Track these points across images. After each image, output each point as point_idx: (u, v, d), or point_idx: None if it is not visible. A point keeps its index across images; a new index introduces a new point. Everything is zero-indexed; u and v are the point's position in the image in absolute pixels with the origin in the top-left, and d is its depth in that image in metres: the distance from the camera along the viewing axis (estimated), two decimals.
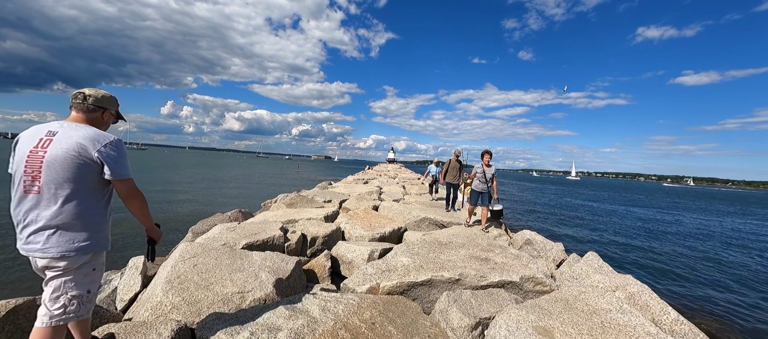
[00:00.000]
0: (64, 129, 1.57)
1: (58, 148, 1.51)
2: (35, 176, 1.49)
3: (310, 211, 6.48)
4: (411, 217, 6.91)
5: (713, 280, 7.79)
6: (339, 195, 9.45)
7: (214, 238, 4.26)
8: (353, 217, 6.18)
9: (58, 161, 1.50)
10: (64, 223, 1.52)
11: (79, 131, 1.57)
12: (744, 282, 7.80)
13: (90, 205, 1.59)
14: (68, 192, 1.52)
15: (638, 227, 16.15)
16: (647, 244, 11.60)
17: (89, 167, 1.55)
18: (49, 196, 1.50)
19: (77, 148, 1.52)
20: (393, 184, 15.75)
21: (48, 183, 1.49)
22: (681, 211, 27.21)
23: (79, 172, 1.53)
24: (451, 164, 7.99)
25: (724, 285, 7.48)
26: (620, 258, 9.57)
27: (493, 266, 3.69)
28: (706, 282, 7.59)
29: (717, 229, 17.58)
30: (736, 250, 12.07)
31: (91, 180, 1.58)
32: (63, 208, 1.51)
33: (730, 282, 7.77)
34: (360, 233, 5.24)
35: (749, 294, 6.91)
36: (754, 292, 7.01)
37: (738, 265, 9.48)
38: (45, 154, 1.50)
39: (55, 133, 1.55)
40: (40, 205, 1.51)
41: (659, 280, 7.54)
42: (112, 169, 1.59)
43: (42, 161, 1.50)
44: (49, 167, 1.49)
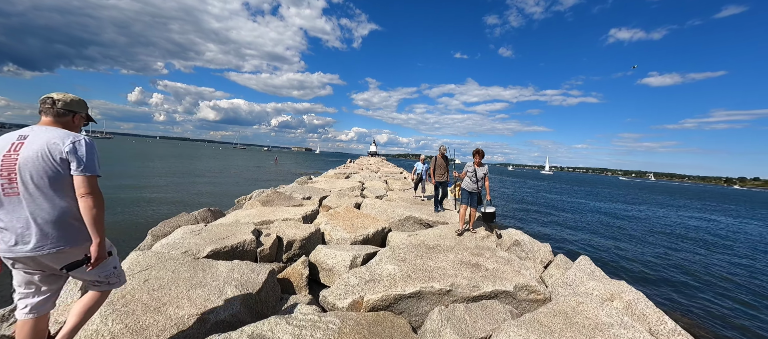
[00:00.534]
0: (34, 132, 1.62)
1: (30, 149, 1.57)
2: (11, 178, 1.54)
3: (288, 210, 6.02)
4: (395, 215, 6.61)
5: (691, 278, 8.06)
6: (319, 191, 9.00)
7: (175, 243, 3.75)
8: (334, 216, 5.79)
9: (31, 161, 1.55)
10: (51, 221, 1.58)
11: (49, 132, 1.63)
12: (724, 282, 8.14)
13: (71, 201, 1.63)
14: (48, 190, 1.57)
15: (612, 223, 16.80)
16: (625, 242, 12.01)
17: (61, 165, 1.59)
18: (31, 197, 1.55)
19: (47, 147, 1.58)
20: (375, 178, 15.40)
21: (24, 185, 1.54)
22: (649, 205, 28.78)
23: (52, 170, 1.58)
24: (437, 161, 7.60)
25: (702, 283, 7.75)
26: (606, 257, 9.79)
27: (485, 273, 3.45)
28: (686, 280, 7.83)
29: (684, 224, 18.61)
30: (705, 246, 12.77)
31: (66, 178, 1.61)
32: (47, 207, 1.57)
33: (705, 280, 8.10)
34: (341, 235, 4.87)
35: (729, 293, 7.17)
36: (734, 292, 7.29)
37: (710, 263, 9.96)
38: (18, 156, 1.55)
39: (27, 137, 1.60)
40: (21, 206, 1.55)
41: (644, 279, 7.67)
42: (79, 162, 1.61)
43: (15, 163, 1.54)
44: (23, 169, 1.54)
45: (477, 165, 5.72)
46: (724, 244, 13.09)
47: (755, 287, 7.66)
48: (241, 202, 8.73)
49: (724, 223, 20.15)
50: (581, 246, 10.65)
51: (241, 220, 5.21)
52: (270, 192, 7.70)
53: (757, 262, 10.34)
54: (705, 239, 13.79)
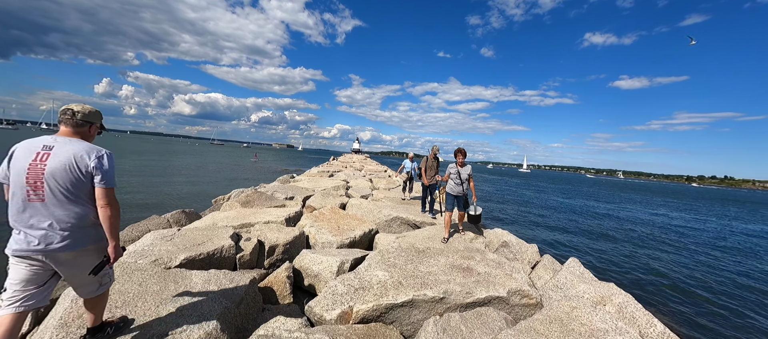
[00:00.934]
0: (58, 144, 1.79)
1: (57, 160, 1.73)
2: (37, 186, 1.70)
3: (269, 211, 5.72)
4: (382, 216, 6.45)
5: (669, 275, 8.37)
6: (302, 190, 8.69)
7: (143, 251, 3.42)
8: (319, 218, 5.56)
9: (58, 172, 1.72)
10: (69, 225, 1.76)
11: (74, 145, 1.80)
12: (697, 281, 8.54)
13: (89, 207, 1.83)
14: (70, 197, 1.75)
15: (591, 221, 17.41)
16: (605, 240, 12.44)
17: (86, 176, 1.79)
18: (54, 202, 1.73)
19: (75, 160, 1.76)
20: (360, 177, 15.18)
21: (51, 192, 1.71)
22: (621, 203, 30.20)
23: (77, 181, 1.76)
24: (428, 162, 7.12)
25: (680, 281, 8.04)
26: (590, 256, 10.07)
27: (477, 278, 3.36)
28: (662, 278, 8.12)
29: (653, 221, 19.60)
30: (675, 242, 13.46)
31: (87, 188, 1.81)
32: (67, 212, 1.75)
33: (682, 278, 8.47)
34: (327, 238, 4.66)
35: (703, 291, 7.50)
36: (710, 290, 7.63)
37: (682, 261, 10.47)
38: (45, 167, 1.71)
39: (52, 147, 1.76)
40: (45, 210, 1.72)
41: (629, 278, 7.81)
42: (103, 176, 1.82)
43: (42, 173, 1.70)
44: (50, 178, 1.71)
45: (460, 165, 5.34)
46: (690, 241, 13.88)
47: (725, 283, 8.12)
48: (219, 202, 8.29)
49: (687, 219, 21.45)
50: (565, 245, 10.93)
51: (219, 223, 4.88)
52: (250, 192, 7.33)
53: (720, 260, 11.00)
54: (675, 236, 14.58)
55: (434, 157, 7.17)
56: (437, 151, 7.24)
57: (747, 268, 9.73)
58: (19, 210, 1.71)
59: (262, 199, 7.02)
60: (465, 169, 5.36)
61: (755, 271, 9.47)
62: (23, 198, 1.70)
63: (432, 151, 7.23)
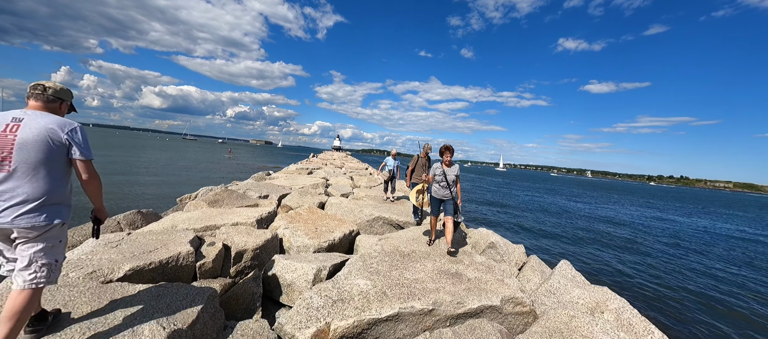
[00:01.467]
0: (29, 116, 1.73)
1: (29, 131, 1.68)
2: (6, 157, 1.65)
3: (239, 211, 5.19)
4: (363, 216, 6.09)
5: (656, 274, 8.54)
6: (278, 188, 8.15)
7: (78, 261, 2.86)
8: (295, 218, 5.11)
9: (30, 143, 1.67)
10: (35, 198, 1.69)
11: (46, 118, 1.75)
12: (683, 276, 8.82)
13: (57, 183, 1.77)
14: (39, 170, 1.70)
15: (569, 220, 17.89)
16: (587, 240, 12.72)
17: (58, 148, 1.74)
18: (21, 175, 1.66)
19: (48, 132, 1.71)
20: (340, 175, 14.71)
21: (20, 163, 1.66)
22: (592, 202, 31.53)
23: (49, 153, 1.72)
24: (419, 162, 6.38)
25: (664, 279, 8.21)
26: (576, 255, 10.18)
27: (468, 285, 3.09)
28: (652, 277, 8.26)
29: (624, 219, 20.48)
30: (647, 236, 14.02)
31: (59, 160, 1.76)
32: (34, 185, 1.69)
33: (665, 274, 8.71)
34: (303, 241, 4.24)
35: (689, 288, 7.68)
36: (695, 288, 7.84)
37: (665, 255, 10.85)
38: (15, 137, 1.66)
39: (21, 119, 1.71)
40: (10, 182, 1.65)
41: (617, 278, 7.85)
42: (80, 148, 1.80)
43: (12, 143, 1.65)
44: (20, 149, 1.66)
45: (447, 165, 4.60)
46: (660, 237, 14.54)
47: (703, 278, 8.44)
48: (184, 201, 7.59)
49: (651, 216, 22.67)
50: (548, 243, 11.04)
51: (179, 225, 4.33)
52: (220, 190, 6.73)
53: (686, 257, 11.54)
54: (644, 234, 15.23)
55: (426, 156, 6.45)
56: (430, 150, 6.41)
57: (711, 264, 10.25)
58: None
59: (233, 198, 6.45)
60: (452, 169, 4.60)
61: (724, 266, 10.00)
62: None
63: (424, 149, 6.43)
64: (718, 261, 10.60)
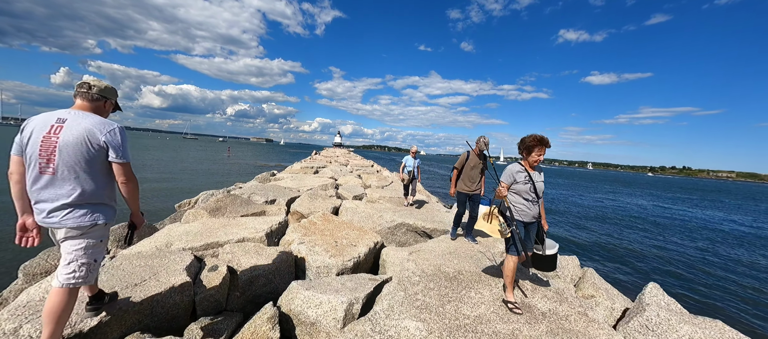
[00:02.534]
0: (72, 117, 1.77)
1: (70, 134, 1.72)
2: (50, 159, 1.70)
3: (244, 222, 4.49)
4: (383, 222, 5.39)
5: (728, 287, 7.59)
6: (285, 191, 7.44)
7: (37, 306, 2.17)
8: (310, 229, 4.41)
9: (71, 146, 1.71)
10: (77, 200, 1.75)
11: (87, 119, 1.78)
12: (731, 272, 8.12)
13: (98, 184, 1.82)
14: (80, 172, 1.74)
15: (590, 215, 17.16)
16: (622, 239, 12.01)
17: (97, 151, 1.78)
18: (64, 177, 1.72)
19: (87, 134, 1.74)
20: (347, 173, 13.99)
21: (62, 165, 1.71)
22: (604, 194, 30.79)
23: (88, 155, 1.75)
24: (469, 161, 4.62)
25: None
26: (614, 262, 9.48)
27: (548, 324, 2.38)
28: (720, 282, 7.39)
29: (660, 214, 19.74)
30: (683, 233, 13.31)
31: (99, 162, 1.80)
32: (76, 187, 1.74)
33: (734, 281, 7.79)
34: (323, 261, 3.53)
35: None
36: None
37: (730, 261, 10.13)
38: (58, 139, 1.70)
39: (65, 120, 1.75)
40: (55, 184, 1.72)
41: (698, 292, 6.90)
42: (117, 151, 1.82)
43: (55, 146, 1.70)
44: (62, 151, 1.70)
45: (532, 167, 2.92)
46: (694, 233, 13.82)
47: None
48: (183, 208, 6.90)
49: (675, 210, 21.94)
50: (587, 246, 10.32)
51: (175, 242, 3.62)
52: (222, 195, 6.03)
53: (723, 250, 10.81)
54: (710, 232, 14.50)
55: (480, 154, 4.61)
56: (485, 147, 4.54)
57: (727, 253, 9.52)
58: (32, 182, 1.71)
59: (236, 204, 5.75)
60: (539, 175, 2.95)
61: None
62: (36, 170, 1.70)
63: (478, 143, 4.59)
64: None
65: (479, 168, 4.63)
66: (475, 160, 4.63)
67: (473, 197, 4.66)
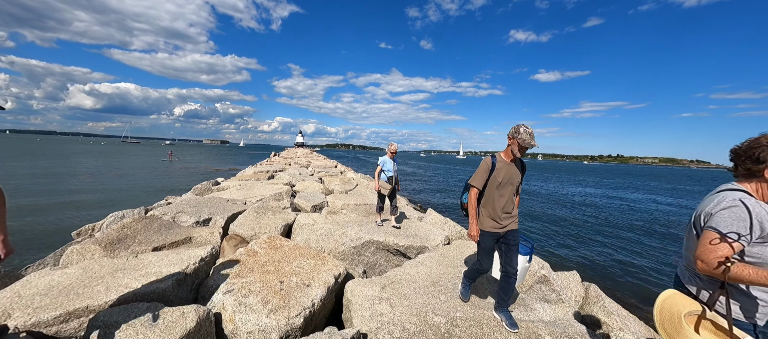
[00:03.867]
0: None
1: None
2: None
3: (151, 263, 3.19)
4: (347, 240, 4.39)
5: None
6: (226, 206, 6.08)
7: None
8: (247, 264, 3.26)
9: None
10: None
11: None
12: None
13: None
14: None
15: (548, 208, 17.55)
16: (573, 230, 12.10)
17: None
18: None
19: None
20: (307, 176, 12.67)
21: None
22: (556, 183, 32.53)
23: None
24: (497, 172, 2.55)
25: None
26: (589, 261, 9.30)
27: None
28: None
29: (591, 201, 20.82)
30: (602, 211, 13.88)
31: None
32: None
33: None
34: (259, 322, 2.42)
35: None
36: None
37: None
38: None
39: None
40: None
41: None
42: None
43: None
44: None
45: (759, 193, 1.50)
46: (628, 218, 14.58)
47: None
48: (83, 235, 5.24)
49: (598, 194, 23.60)
50: (552, 245, 10.11)
51: (17, 312, 2.29)
52: (132, 219, 4.56)
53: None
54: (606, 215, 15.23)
55: (520, 152, 2.45)
56: (530, 142, 2.39)
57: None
58: None
59: (152, 229, 4.36)
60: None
61: None
62: None
63: (517, 139, 2.42)
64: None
65: (515, 183, 2.57)
66: (509, 170, 2.54)
67: (508, 238, 2.57)
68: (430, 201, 16.59)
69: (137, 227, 4.37)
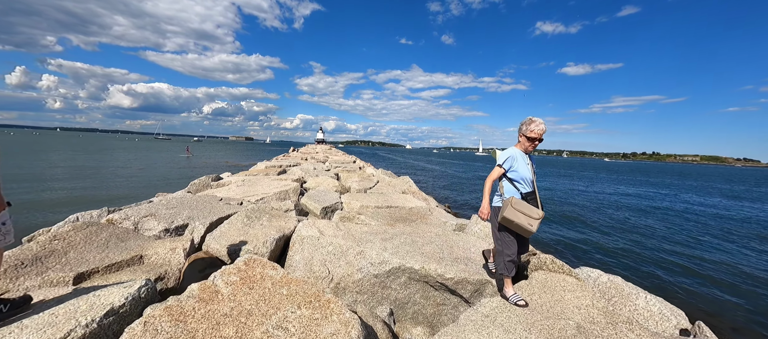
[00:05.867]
0: None
1: None
2: None
3: (53, 315, 1.91)
4: (365, 265, 2.95)
5: None
6: (215, 208, 4.81)
7: None
8: (185, 328, 1.89)
9: None
10: None
11: None
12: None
13: None
14: None
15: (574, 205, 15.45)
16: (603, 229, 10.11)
17: None
18: None
19: None
20: (322, 171, 11.39)
21: None
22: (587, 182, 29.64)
23: None
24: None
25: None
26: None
27: None
28: None
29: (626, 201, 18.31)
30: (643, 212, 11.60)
31: None
32: None
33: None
34: None
35: None
36: None
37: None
38: None
39: None
40: None
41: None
42: None
43: None
44: None
45: None
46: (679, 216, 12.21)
47: None
48: (32, 241, 4.17)
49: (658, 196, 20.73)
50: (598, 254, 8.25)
51: None
52: (72, 227, 3.36)
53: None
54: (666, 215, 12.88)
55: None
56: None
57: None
58: None
59: (97, 241, 3.12)
60: None
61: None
62: None
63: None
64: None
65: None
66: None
67: None
68: (464, 202, 14.81)
69: (75, 239, 3.14)
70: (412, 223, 4.65)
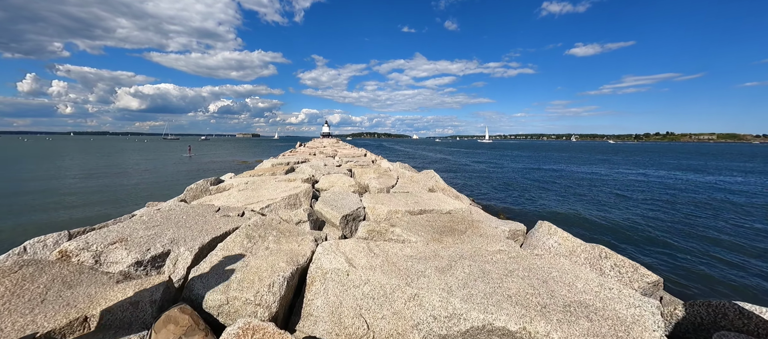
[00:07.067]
0: None
1: None
2: None
3: None
4: (427, 320, 1.90)
5: None
6: (209, 224, 3.83)
7: None
8: None
9: None
10: None
11: None
12: None
13: None
14: None
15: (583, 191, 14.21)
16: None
17: None
18: None
19: None
20: (333, 167, 10.37)
21: None
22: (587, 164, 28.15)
23: None
24: None
25: None
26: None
27: None
28: None
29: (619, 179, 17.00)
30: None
31: None
32: None
33: None
34: None
35: None
36: None
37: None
38: None
39: None
40: None
41: None
42: None
43: None
44: None
45: None
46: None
47: None
48: None
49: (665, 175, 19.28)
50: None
51: None
52: (14, 261, 2.40)
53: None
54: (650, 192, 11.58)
55: None
56: None
57: None
58: None
59: (32, 289, 2.14)
60: None
61: None
62: None
63: None
64: None
65: None
66: None
67: None
68: (487, 195, 13.61)
69: (4, 286, 2.16)
70: (462, 234, 3.57)
